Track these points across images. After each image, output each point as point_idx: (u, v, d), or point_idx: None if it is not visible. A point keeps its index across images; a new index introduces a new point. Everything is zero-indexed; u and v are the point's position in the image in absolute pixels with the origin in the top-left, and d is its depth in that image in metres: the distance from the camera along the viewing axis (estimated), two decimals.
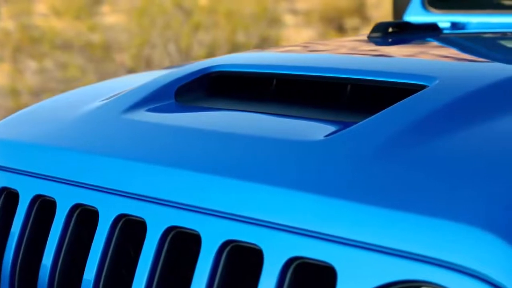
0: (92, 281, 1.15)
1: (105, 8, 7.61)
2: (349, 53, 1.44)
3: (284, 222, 1.01)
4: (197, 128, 1.21)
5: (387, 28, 1.59)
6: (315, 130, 1.14)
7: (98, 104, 1.40)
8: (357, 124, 1.10)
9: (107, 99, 1.44)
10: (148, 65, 6.67)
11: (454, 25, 1.95)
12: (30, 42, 7.00)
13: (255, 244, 1.02)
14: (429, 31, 1.64)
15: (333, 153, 1.06)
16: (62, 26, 7.24)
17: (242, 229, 1.04)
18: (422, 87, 1.18)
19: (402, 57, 1.37)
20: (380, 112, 1.11)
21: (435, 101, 1.11)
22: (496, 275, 0.86)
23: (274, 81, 1.37)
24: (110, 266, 1.16)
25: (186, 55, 6.77)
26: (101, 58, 6.94)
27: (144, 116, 1.30)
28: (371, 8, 7.90)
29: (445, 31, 1.72)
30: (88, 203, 1.19)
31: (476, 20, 1.94)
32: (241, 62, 1.43)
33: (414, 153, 1.02)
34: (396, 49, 1.50)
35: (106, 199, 1.17)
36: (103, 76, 6.51)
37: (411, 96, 1.13)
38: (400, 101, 1.13)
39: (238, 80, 1.42)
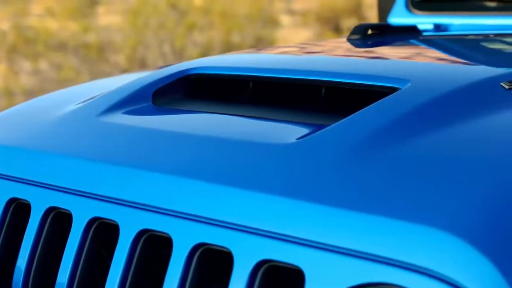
0: (66, 284, 1.15)
1: (100, 9, 7.61)
2: (326, 55, 1.44)
3: (254, 225, 1.01)
4: (171, 130, 1.21)
5: (367, 30, 1.60)
6: (288, 132, 1.14)
7: (74, 107, 1.40)
8: (328, 127, 1.11)
9: (83, 101, 1.44)
10: (143, 66, 6.67)
11: (437, 27, 1.95)
12: (25, 43, 7.00)
13: (225, 247, 1.02)
14: (409, 33, 1.65)
15: (303, 155, 1.06)
16: (57, 27, 7.24)
17: (212, 232, 1.04)
18: (394, 89, 1.18)
19: (377, 59, 1.38)
20: (351, 115, 1.11)
21: (405, 104, 1.11)
22: (459, 277, 0.86)
23: (251, 84, 1.37)
24: (83, 269, 1.16)
25: (181, 56, 6.77)
26: (96, 59, 6.94)
27: (120, 118, 1.31)
28: (367, 9, 7.89)
29: (425, 33, 1.72)
30: (62, 206, 1.19)
31: (459, 22, 1.94)
32: (219, 64, 1.43)
33: (383, 156, 1.02)
34: (373, 51, 1.50)
35: (80, 202, 1.17)
36: (98, 77, 6.51)
37: (382, 99, 1.14)
38: (371, 104, 1.13)
39: (216, 82, 1.43)
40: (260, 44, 7.18)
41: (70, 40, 7.03)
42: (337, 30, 7.76)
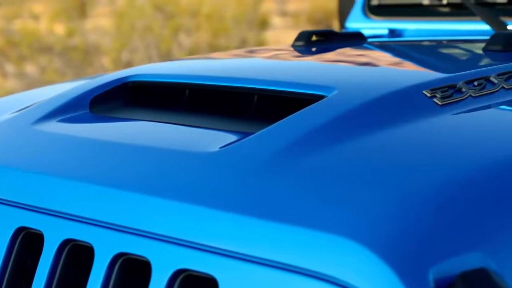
0: None
1: (90, 12, 7.61)
2: (264, 62, 1.45)
3: (171, 234, 1.01)
4: (101, 139, 1.21)
5: (311, 37, 1.60)
6: (214, 141, 1.15)
7: (9, 115, 1.40)
8: (250, 136, 1.11)
9: (19, 110, 1.44)
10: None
11: (393, 32, 1.95)
12: (11, 46, 7.00)
13: (144, 257, 1.03)
14: (353, 40, 1.65)
15: (223, 164, 1.06)
16: (45, 29, 7.24)
17: (132, 242, 1.04)
18: (320, 97, 1.18)
19: (311, 66, 1.38)
20: (273, 124, 1.12)
21: (328, 113, 1.11)
22: (363, 286, 0.87)
23: (187, 91, 1.37)
24: (9, 279, 1.16)
25: (168, 58, 6.78)
26: (88, 62, 6.94)
27: (55, 126, 1.31)
28: None
29: (370, 40, 1.72)
30: None
31: (416, 27, 1.94)
32: (158, 72, 1.44)
33: (300, 166, 1.03)
34: (312, 58, 1.50)
35: (5, 211, 1.17)
36: None
37: (305, 108, 1.14)
38: (295, 113, 1.13)
39: (153, 90, 1.43)
40: (247, 46, 7.19)
41: (58, 43, 7.03)
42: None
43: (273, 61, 1.47)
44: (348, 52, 1.53)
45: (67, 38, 7.14)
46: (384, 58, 1.49)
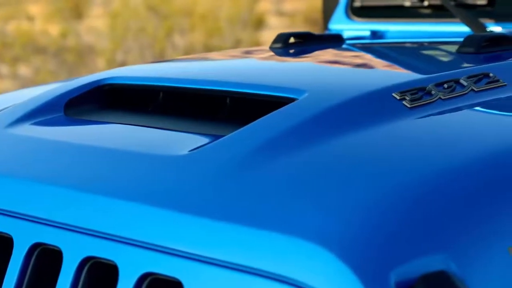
0: None
1: (90, 12, 7.61)
2: (239, 64, 1.45)
3: (138, 237, 1.01)
4: (73, 142, 1.21)
5: (288, 39, 1.59)
6: (184, 144, 1.15)
7: None
8: (220, 139, 1.11)
9: None
10: None
11: (375, 34, 1.95)
12: (5, 47, 7.01)
13: (111, 260, 1.03)
14: (331, 42, 1.64)
15: (191, 168, 1.06)
16: (42, 30, 7.24)
17: (99, 245, 1.04)
18: (291, 100, 1.18)
19: (285, 69, 1.38)
20: (243, 127, 1.12)
21: (297, 115, 1.12)
22: None
23: (161, 94, 1.37)
24: None
25: (162, 59, 6.77)
26: (82, 63, 6.94)
27: (28, 129, 1.30)
28: None
29: (348, 42, 1.72)
30: None
31: (398, 29, 1.94)
32: (134, 74, 1.43)
33: (266, 169, 1.03)
34: (287, 60, 1.50)
35: None
36: None
37: (276, 111, 1.14)
38: (265, 116, 1.13)
39: (128, 92, 1.43)
40: (242, 47, 7.18)
41: (53, 44, 7.03)
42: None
43: (248, 63, 1.47)
44: (324, 54, 1.53)
45: (61, 39, 7.13)
46: (359, 60, 1.49)
